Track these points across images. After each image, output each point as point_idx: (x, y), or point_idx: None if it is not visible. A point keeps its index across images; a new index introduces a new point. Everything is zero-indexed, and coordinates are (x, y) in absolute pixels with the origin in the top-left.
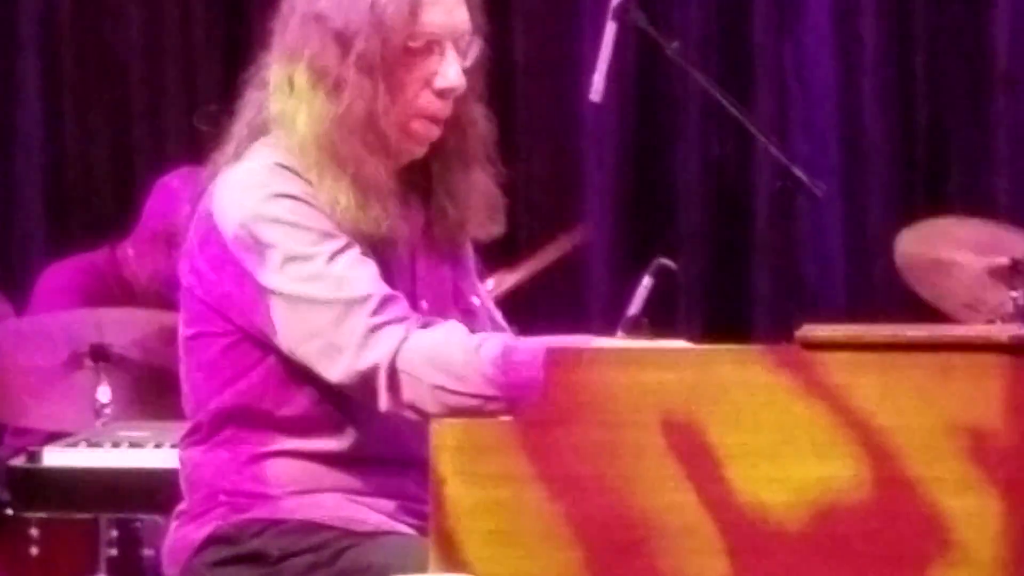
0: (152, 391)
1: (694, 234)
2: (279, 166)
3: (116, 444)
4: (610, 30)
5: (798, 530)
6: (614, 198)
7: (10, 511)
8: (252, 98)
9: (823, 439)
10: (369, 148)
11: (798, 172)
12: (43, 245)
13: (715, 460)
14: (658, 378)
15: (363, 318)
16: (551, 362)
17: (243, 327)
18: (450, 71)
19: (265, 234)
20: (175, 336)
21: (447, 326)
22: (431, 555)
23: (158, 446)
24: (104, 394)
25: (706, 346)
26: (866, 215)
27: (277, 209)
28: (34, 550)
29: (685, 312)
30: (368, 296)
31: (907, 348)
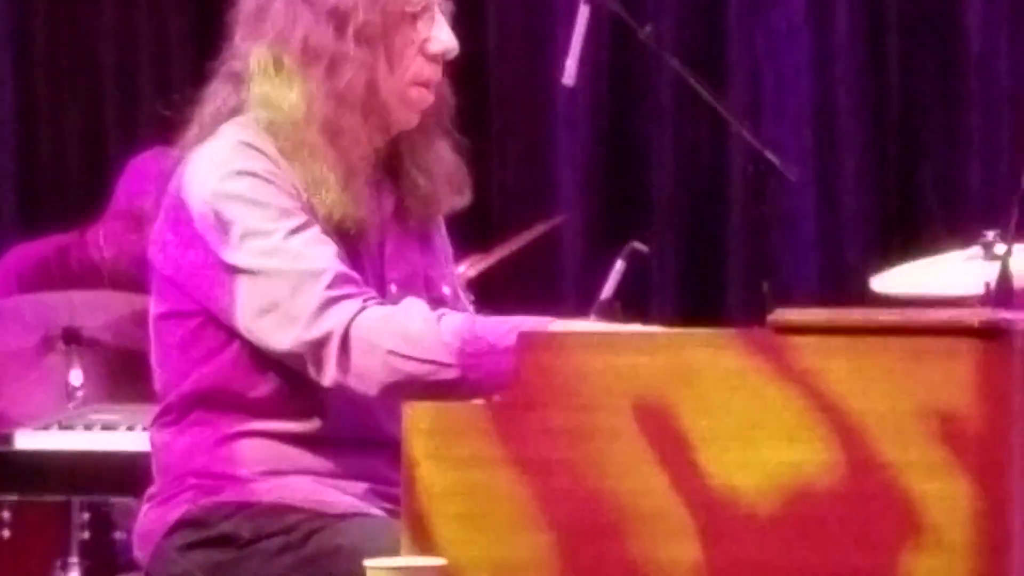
0: (124, 374)
1: (667, 218)
2: (243, 143)
3: (88, 427)
4: (583, 14)
5: (769, 514)
6: (587, 182)
7: None
8: (218, 87)
9: (795, 423)
10: (368, 121)
11: (771, 156)
12: (15, 230)
13: (687, 444)
14: (630, 362)
15: (319, 289)
16: (523, 346)
17: (208, 308)
18: (443, 34)
19: (227, 211)
20: (147, 319)
21: (407, 301)
22: (403, 537)
23: (130, 429)
24: (76, 377)
25: (678, 330)
26: (839, 199)
27: (239, 186)
28: (5, 533)
29: (658, 296)
30: (324, 270)
31: (879, 332)
